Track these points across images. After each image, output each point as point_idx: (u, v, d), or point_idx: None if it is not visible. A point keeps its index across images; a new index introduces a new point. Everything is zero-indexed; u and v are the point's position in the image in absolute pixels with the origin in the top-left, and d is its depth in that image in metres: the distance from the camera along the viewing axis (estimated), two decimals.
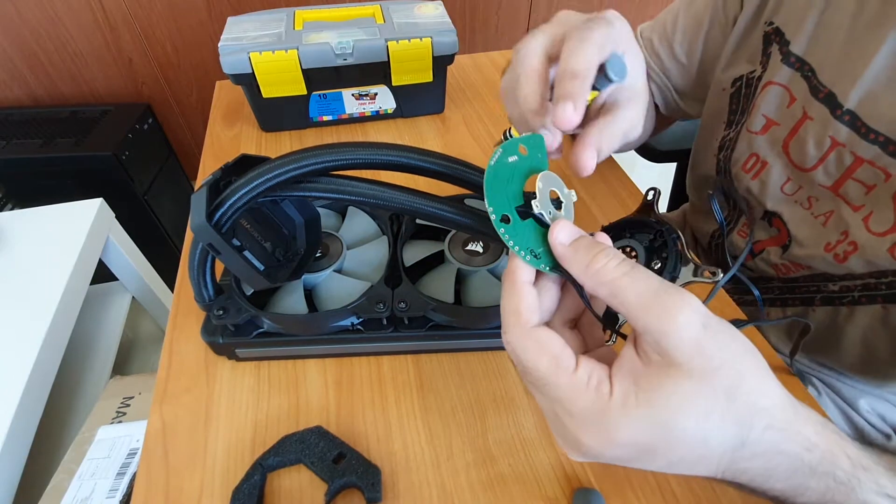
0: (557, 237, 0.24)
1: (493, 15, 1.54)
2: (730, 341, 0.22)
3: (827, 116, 0.41)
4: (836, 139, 0.41)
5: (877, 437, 0.49)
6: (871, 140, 0.39)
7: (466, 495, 0.35)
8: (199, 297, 0.40)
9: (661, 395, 0.21)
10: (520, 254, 0.24)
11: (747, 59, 0.49)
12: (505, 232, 0.24)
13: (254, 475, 0.35)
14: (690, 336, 0.21)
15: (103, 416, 0.70)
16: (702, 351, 0.21)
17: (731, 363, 0.21)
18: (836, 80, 0.41)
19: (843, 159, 0.41)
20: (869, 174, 0.40)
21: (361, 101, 0.68)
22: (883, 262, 0.40)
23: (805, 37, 0.43)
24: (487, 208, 0.25)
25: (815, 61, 0.42)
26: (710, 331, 0.21)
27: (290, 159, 0.32)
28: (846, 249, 0.42)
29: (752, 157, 0.49)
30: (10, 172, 1.17)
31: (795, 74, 0.44)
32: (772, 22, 0.46)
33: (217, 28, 1.35)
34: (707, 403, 0.21)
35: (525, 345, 0.23)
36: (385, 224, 0.47)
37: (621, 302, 0.22)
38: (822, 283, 0.45)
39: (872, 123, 0.39)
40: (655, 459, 0.22)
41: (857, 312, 0.43)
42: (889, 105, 0.38)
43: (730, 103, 0.51)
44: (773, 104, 0.46)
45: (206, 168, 0.64)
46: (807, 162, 0.44)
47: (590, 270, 0.23)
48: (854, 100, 0.39)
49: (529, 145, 0.27)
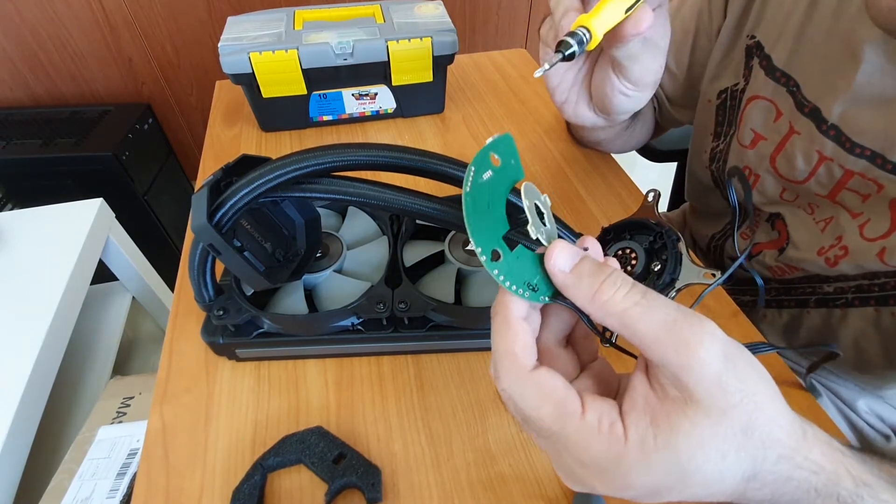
0: (556, 264, 0.22)
1: (493, 14, 1.54)
2: (749, 371, 0.21)
3: (813, 131, 0.41)
4: (822, 153, 0.41)
5: (875, 437, 0.49)
6: (858, 154, 0.39)
7: (466, 495, 0.35)
8: (199, 298, 0.40)
9: (679, 437, 0.20)
10: (517, 292, 0.22)
11: (732, 72, 0.49)
12: (499, 273, 0.22)
13: (254, 475, 0.35)
14: (712, 371, 0.20)
15: (103, 416, 0.70)
16: (723, 387, 0.20)
17: (749, 397, 0.20)
18: (820, 95, 0.41)
19: (833, 172, 0.41)
20: (861, 185, 0.40)
21: (361, 100, 0.68)
22: (872, 266, 0.40)
23: (787, 51, 0.43)
24: (474, 248, 0.22)
25: (799, 76, 0.42)
26: (731, 363, 0.20)
27: (292, 160, 0.32)
28: (837, 254, 0.42)
29: (745, 170, 0.49)
30: (10, 172, 1.17)
31: (780, 89, 0.44)
32: (753, 35, 0.46)
33: (217, 28, 1.35)
34: (725, 444, 0.20)
35: (524, 392, 0.22)
36: (385, 224, 0.47)
37: (633, 333, 0.20)
38: (818, 285, 0.45)
39: (856, 138, 0.39)
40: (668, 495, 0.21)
41: (850, 315, 0.43)
42: (869, 119, 0.38)
43: (716, 115, 0.51)
44: (759, 118, 0.46)
45: (206, 168, 0.64)
46: (797, 175, 0.44)
47: (597, 301, 0.21)
48: (837, 114, 0.39)
49: (500, 151, 0.23)
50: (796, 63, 0.42)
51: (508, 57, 0.85)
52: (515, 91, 0.77)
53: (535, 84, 0.78)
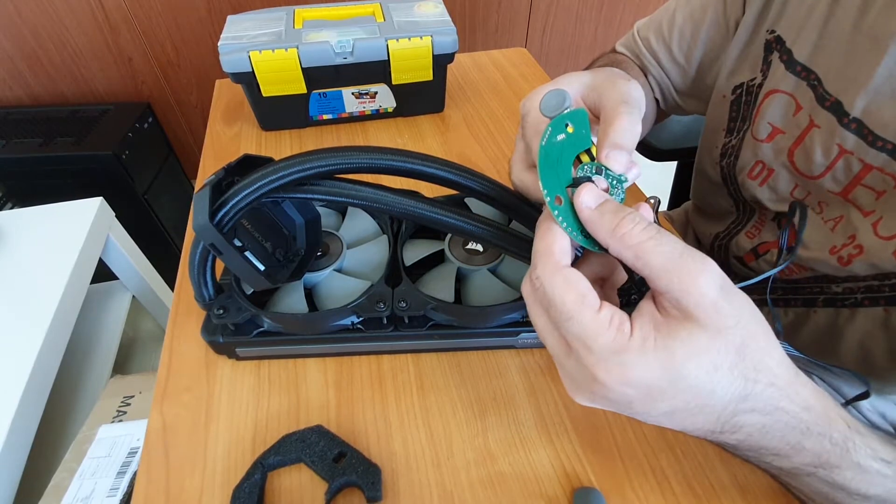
0: (584, 200, 0.25)
1: (493, 13, 1.54)
2: (744, 305, 0.23)
3: (834, 124, 0.41)
4: (843, 147, 0.41)
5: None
6: (879, 148, 0.39)
7: (466, 494, 0.35)
8: (199, 297, 0.40)
9: (677, 342, 0.22)
10: (572, 234, 0.25)
11: (749, 67, 0.49)
12: (558, 214, 0.25)
13: (254, 474, 0.35)
14: (709, 296, 0.22)
15: (104, 415, 0.70)
16: (719, 310, 0.22)
17: (743, 324, 0.23)
18: (842, 89, 0.41)
19: (852, 166, 0.41)
20: (878, 180, 0.40)
21: (361, 99, 0.68)
22: (886, 265, 0.40)
23: (809, 45, 0.43)
24: (542, 190, 0.26)
25: (820, 70, 0.42)
26: (728, 294, 0.23)
27: (295, 162, 0.32)
28: (851, 253, 0.42)
29: (758, 165, 0.48)
30: (10, 172, 1.17)
31: (801, 83, 0.44)
32: (773, 30, 0.46)
33: (217, 27, 1.35)
34: (719, 356, 0.22)
35: (554, 280, 0.24)
36: (385, 223, 0.47)
37: (645, 264, 0.23)
38: (826, 285, 0.45)
39: (879, 131, 0.39)
40: (660, 403, 0.23)
41: (858, 315, 0.43)
42: (893, 114, 0.38)
43: (729, 111, 0.51)
44: (778, 113, 0.46)
45: (206, 167, 0.64)
46: (814, 170, 0.43)
47: (616, 234, 0.24)
48: (860, 108, 0.39)
49: (575, 122, 0.27)
50: (819, 57, 0.42)
51: (509, 56, 0.85)
52: (516, 90, 0.76)
53: (535, 83, 0.78)
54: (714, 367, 0.22)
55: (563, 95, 0.27)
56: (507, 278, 0.43)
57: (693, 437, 0.32)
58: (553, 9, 1.58)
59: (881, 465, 0.26)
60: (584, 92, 0.34)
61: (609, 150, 0.27)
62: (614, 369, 0.23)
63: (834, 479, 0.26)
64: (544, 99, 0.28)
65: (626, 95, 0.30)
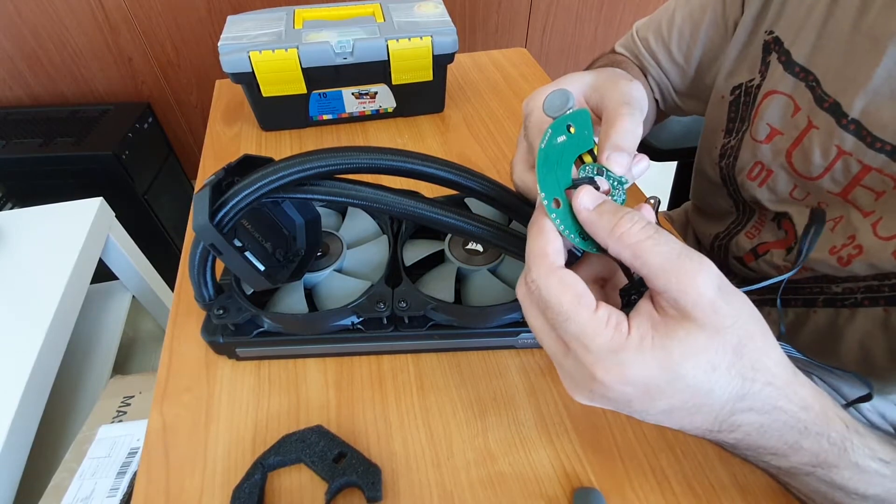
0: (582, 202, 0.25)
1: (493, 13, 1.54)
2: (742, 305, 0.23)
3: (832, 125, 0.41)
4: (842, 148, 0.41)
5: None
6: (878, 149, 0.39)
7: (466, 494, 0.35)
8: (199, 297, 0.40)
9: (675, 342, 0.22)
10: (570, 237, 0.25)
11: (747, 68, 0.49)
12: (556, 217, 0.25)
13: (254, 474, 0.35)
14: (707, 296, 0.22)
15: (104, 415, 0.70)
16: (716, 310, 0.22)
17: (741, 324, 0.23)
18: (841, 90, 0.41)
19: (850, 167, 0.41)
20: (877, 181, 0.40)
21: (361, 100, 0.68)
22: (886, 265, 0.40)
23: (808, 46, 0.43)
24: (539, 192, 0.25)
25: (819, 71, 0.42)
26: (725, 294, 0.23)
27: (295, 162, 0.32)
28: (851, 253, 0.42)
29: (757, 165, 0.48)
30: (10, 172, 1.17)
31: (800, 84, 0.44)
32: (772, 31, 0.45)
33: (217, 27, 1.35)
34: (717, 356, 0.22)
35: (549, 282, 0.24)
36: (385, 223, 0.47)
37: (643, 263, 0.23)
38: (826, 285, 0.45)
39: (877, 132, 0.39)
40: (659, 401, 0.23)
41: (858, 315, 0.43)
42: (892, 115, 0.38)
43: (728, 111, 0.51)
44: (776, 114, 0.46)
45: (206, 167, 0.64)
46: (812, 171, 0.43)
47: (614, 234, 0.24)
48: (858, 109, 0.39)
49: (577, 123, 0.27)
50: (817, 58, 0.42)
51: (509, 56, 0.85)
52: (516, 90, 0.76)
53: (536, 83, 0.78)
54: (712, 366, 0.22)
55: (567, 96, 0.27)
56: (507, 278, 0.43)
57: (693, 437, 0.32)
58: (553, 9, 1.58)
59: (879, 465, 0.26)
60: (586, 92, 0.34)
61: (610, 151, 0.27)
62: (613, 368, 0.23)
63: (832, 478, 0.26)
64: (548, 99, 0.28)
65: (628, 96, 0.30)
